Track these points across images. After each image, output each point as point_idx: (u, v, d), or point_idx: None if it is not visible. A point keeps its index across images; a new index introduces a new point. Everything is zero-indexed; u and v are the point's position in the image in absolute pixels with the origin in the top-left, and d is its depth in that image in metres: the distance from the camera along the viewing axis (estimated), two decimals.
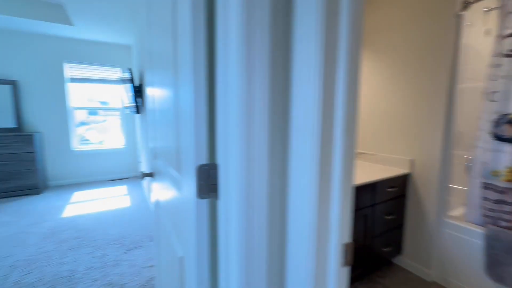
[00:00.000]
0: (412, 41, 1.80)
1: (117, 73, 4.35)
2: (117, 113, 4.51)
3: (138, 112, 3.02)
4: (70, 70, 4.03)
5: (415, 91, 1.81)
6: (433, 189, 1.75)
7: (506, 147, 1.41)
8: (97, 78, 4.23)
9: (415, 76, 1.80)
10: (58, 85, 3.94)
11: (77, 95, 4.20)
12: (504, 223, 1.42)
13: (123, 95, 4.25)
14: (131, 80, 2.95)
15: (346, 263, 0.55)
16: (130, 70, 2.98)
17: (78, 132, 4.25)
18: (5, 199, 3.40)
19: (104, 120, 4.57)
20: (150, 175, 1.22)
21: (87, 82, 4.18)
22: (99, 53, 4.16)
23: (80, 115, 4.27)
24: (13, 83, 3.62)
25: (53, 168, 4.05)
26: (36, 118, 3.87)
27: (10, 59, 3.65)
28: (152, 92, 1.11)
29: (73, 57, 3.99)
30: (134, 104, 3.03)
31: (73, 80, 4.07)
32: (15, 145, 3.41)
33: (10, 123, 3.66)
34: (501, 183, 1.42)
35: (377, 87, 2.07)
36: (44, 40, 3.80)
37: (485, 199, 1.49)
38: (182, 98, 0.62)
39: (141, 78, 2.98)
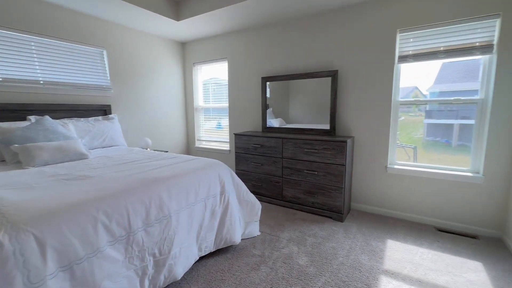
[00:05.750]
0: None
1: (482, 34, 2.23)
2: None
3: None
4: (402, 43, 2.60)
5: None
6: None
7: None
8: (448, 48, 2.41)
9: None
10: (382, 69, 2.69)
11: (404, 82, 2.73)
12: None
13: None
14: None
15: None
16: None
17: (399, 138, 2.82)
18: (309, 215, 2.84)
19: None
20: None
21: (428, 58, 2.50)
22: (456, 3, 2.29)
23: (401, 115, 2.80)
24: (333, 74, 2.91)
25: (359, 188, 3.01)
26: (349, 118, 2.96)
27: (330, 44, 2.96)
28: None
29: (410, 21, 2.50)
30: None
31: (404, 58, 2.61)
32: (325, 153, 2.68)
33: (324, 123, 3.06)
34: None
35: None
36: (376, 5, 2.66)
37: None
38: None
39: None
